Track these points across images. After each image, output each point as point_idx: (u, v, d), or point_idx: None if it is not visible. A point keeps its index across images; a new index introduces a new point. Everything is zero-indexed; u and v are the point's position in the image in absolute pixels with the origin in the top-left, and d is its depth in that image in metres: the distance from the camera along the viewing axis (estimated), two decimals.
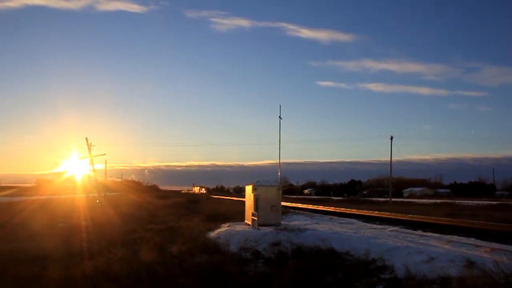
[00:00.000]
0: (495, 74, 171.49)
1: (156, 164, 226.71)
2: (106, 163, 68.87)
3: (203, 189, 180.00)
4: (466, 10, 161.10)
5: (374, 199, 79.39)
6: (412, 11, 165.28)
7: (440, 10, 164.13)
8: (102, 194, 48.77)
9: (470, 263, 9.22)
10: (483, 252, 11.29)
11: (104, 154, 54.77)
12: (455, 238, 14.87)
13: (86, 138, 49.55)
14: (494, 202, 47.86)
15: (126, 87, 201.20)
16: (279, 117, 24.59)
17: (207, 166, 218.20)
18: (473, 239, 14.60)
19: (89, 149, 49.44)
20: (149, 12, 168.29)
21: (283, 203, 23.21)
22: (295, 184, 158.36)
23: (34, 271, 10.51)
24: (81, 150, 52.31)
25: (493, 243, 13.38)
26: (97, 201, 43.99)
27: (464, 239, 14.41)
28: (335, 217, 27.41)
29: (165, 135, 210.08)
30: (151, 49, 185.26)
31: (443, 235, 15.77)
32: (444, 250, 11.45)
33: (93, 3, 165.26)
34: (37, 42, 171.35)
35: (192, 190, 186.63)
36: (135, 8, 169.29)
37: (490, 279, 7.70)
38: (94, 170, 50.50)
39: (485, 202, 48.62)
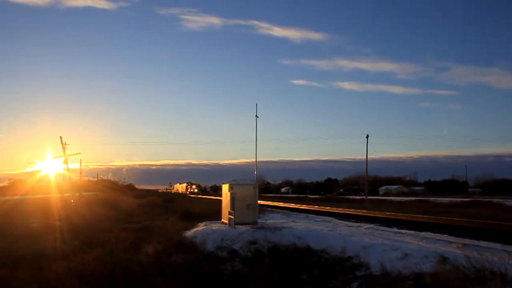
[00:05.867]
0: (465, 73, 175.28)
1: (131, 163, 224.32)
2: (81, 162, 67.85)
3: (194, 186, 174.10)
4: (437, 10, 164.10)
5: (350, 197, 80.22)
6: (384, 10, 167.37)
7: (412, 9, 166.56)
8: (77, 194, 47.98)
9: (443, 259, 9.37)
10: (455, 248, 11.52)
11: (79, 153, 53.91)
12: (429, 234, 15.13)
13: (60, 137, 48.72)
14: (467, 199, 48.85)
15: (98, 85, 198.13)
16: (256, 115, 24.56)
17: (183, 164, 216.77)
18: (446, 235, 14.88)
19: (64, 148, 48.57)
20: (118, 9, 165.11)
21: (260, 202, 23.24)
22: (272, 182, 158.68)
23: (5, 273, 10.28)
24: (55, 149, 51.40)
25: (465, 239, 13.67)
26: (72, 200, 43.23)
27: (437, 236, 14.67)
28: (312, 215, 27.58)
29: (140, 134, 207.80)
30: (121, 47, 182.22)
31: (417, 232, 16.03)
32: (418, 247, 11.63)
33: None
34: (4, 39, 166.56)
35: (170, 189, 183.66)
36: (104, 4, 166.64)
37: (462, 274, 7.87)
38: (68, 170, 49.67)
39: (458, 199, 49.61)
